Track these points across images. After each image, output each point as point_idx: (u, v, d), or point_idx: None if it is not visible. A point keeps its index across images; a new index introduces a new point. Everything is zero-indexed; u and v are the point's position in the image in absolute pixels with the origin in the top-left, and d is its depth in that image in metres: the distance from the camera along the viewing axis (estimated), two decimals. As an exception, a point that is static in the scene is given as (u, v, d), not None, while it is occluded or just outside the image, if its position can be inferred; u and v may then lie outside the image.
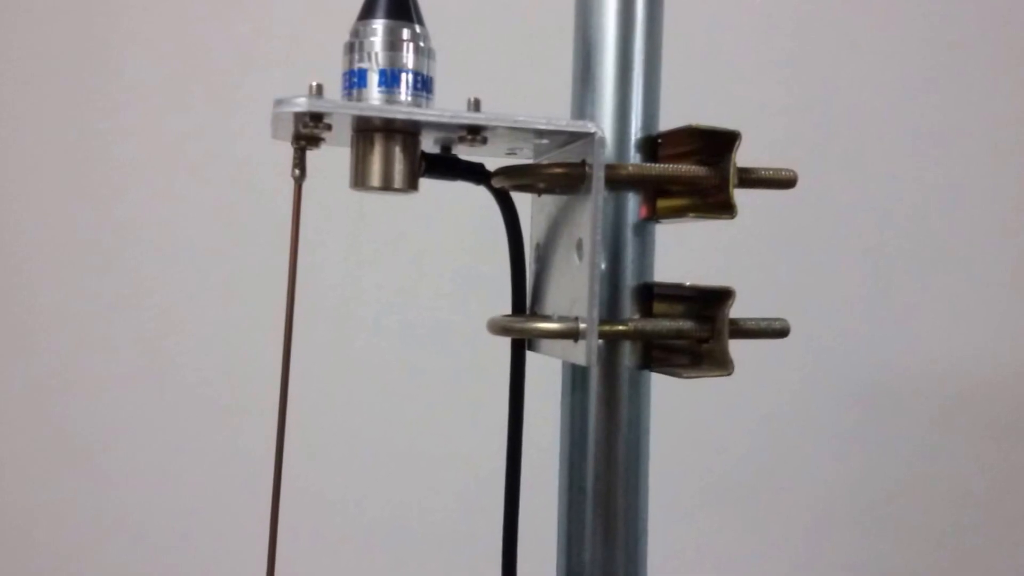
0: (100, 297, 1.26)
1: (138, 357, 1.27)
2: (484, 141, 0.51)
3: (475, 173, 0.55)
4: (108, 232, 1.26)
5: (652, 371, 0.54)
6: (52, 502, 1.27)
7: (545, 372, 0.61)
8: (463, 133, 0.50)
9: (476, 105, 0.49)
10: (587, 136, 0.49)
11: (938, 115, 1.40)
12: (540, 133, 0.50)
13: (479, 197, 0.57)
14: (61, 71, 1.26)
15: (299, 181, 0.51)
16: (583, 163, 0.50)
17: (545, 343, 0.55)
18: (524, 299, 0.57)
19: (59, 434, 1.26)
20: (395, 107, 0.48)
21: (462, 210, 1.14)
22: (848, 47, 1.37)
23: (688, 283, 0.52)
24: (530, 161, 0.57)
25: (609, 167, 0.50)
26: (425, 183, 0.54)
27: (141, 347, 1.27)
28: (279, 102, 0.47)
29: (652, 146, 0.54)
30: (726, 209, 0.50)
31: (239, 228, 1.26)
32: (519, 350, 0.57)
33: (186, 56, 1.27)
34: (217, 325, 1.27)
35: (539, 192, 0.56)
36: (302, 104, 0.46)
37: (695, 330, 0.51)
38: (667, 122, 0.55)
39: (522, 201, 0.57)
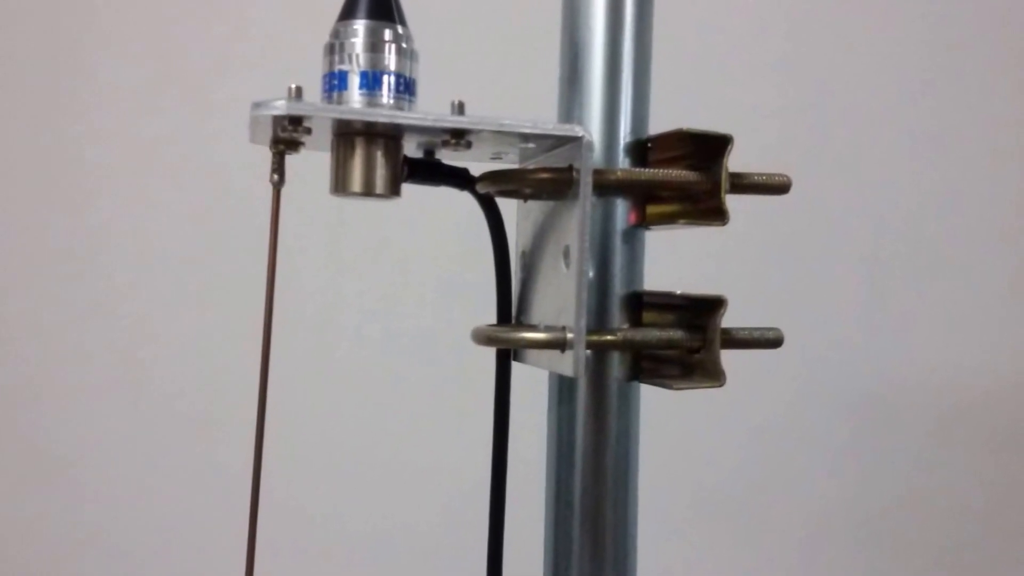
0: (73, 305, 1.25)
1: (112, 367, 1.26)
2: (468, 145, 0.51)
3: (459, 178, 0.55)
4: (81, 238, 1.25)
5: (641, 382, 0.54)
6: (23, 517, 1.26)
7: (531, 383, 0.61)
8: (447, 137, 0.50)
9: (460, 108, 0.49)
10: (574, 140, 0.49)
11: (935, 118, 1.40)
12: (526, 137, 0.50)
13: (464, 203, 0.57)
14: (31, 72, 1.25)
15: (278, 187, 0.51)
16: (570, 168, 0.50)
17: (531, 353, 0.55)
18: (510, 308, 0.57)
19: (30, 446, 1.26)
20: (376, 110, 0.48)
21: (446, 216, 1.15)
22: (843, 48, 1.38)
23: (679, 292, 0.52)
24: (515, 166, 0.57)
25: (597, 172, 0.50)
26: (408, 188, 0.54)
27: (115, 357, 1.26)
28: (257, 105, 0.47)
29: (642, 150, 0.54)
30: (718, 215, 0.50)
31: (216, 234, 1.25)
32: (504, 360, 0.57)
33: (161, 57, 1.26)
34: (194, 334, 1.27)
35: (525, 198, 0.56)
36: (281, 107, 0.46)
37: (686, 340, 0.51)
38: (657, 125, 0.55)
39: (507, 207, 0.57)
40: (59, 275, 1.25)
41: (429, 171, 0.54)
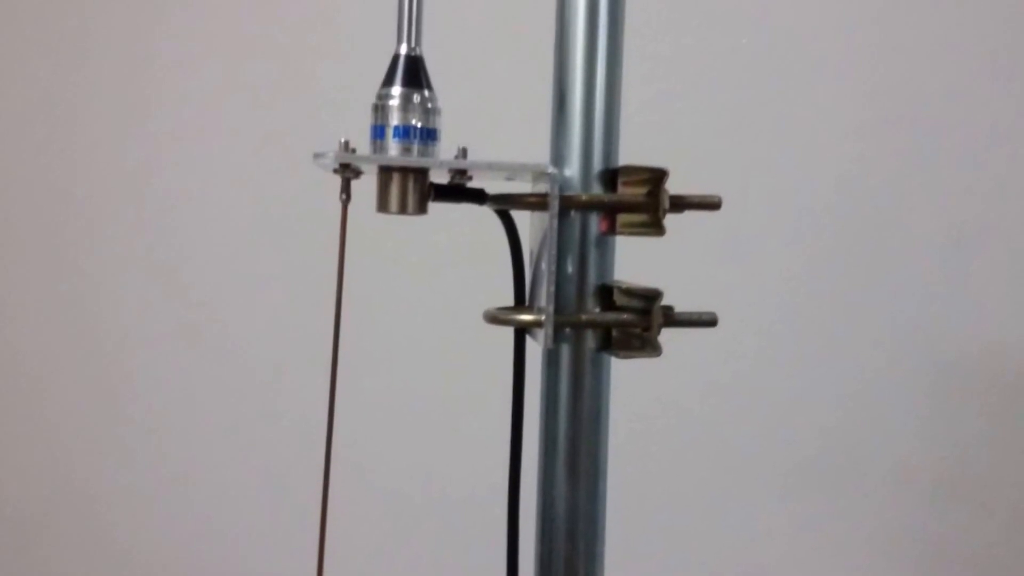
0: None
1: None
2: (471, 178, 0.73)
3: (476, 197, 0.77)
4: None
5: (607, 353, 0.76)
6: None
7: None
8: (454, 173, 0.73)
9: (463, 153, 0.72)
10: (546, 175, 0.71)
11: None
12: (512, 174, 0.73)
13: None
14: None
15: (345, 204, 0.75)
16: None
17: (535, 330, 0.77)
18: (523, 293, 0.79)
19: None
20: (403, 157, 0.71)
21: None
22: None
23: (624, 285, 0.73)
24: (528, 184, 0.79)
25: (567, 197, 0.72)
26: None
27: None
28: (317, 156, 0.70)
29: (612, 176, 0.75)
30: (657, 228, 0.72)
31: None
32: (520, 337, 0.79)
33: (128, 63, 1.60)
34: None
35: (531, 210, 0.78)
36: (330, 159, 0.69)
37: (634, 321, 0.73)
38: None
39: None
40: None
41: (451, 193, 0.76)
